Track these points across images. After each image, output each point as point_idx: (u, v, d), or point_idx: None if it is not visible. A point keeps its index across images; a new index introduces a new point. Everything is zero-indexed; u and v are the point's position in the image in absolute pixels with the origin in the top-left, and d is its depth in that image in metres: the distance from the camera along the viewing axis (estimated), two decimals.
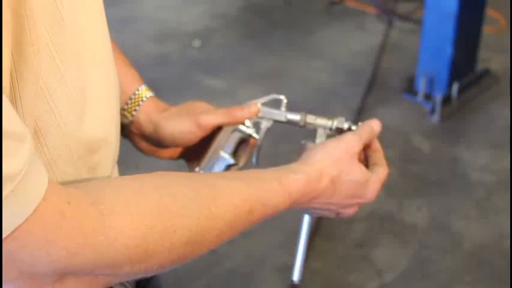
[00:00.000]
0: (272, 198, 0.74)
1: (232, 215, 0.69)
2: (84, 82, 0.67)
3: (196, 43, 3.97)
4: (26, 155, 0.52)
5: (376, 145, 0.90)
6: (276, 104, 0.96)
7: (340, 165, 0.81)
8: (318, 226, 2.49)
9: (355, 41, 4.00)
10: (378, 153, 0.89)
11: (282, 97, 0.95)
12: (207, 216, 0.65)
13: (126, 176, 0.66)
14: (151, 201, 0.61)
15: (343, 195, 0.83)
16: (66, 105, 0.64)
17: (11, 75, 0.56)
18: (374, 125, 0.88)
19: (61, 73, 0.63)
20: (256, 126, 0.95)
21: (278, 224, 2.53)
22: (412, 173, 2.86)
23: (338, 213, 0.87)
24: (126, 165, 0.90)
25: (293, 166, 0.80)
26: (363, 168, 0.84)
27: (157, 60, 3.76)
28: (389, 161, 0.89)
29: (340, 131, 0.92)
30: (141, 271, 0.62)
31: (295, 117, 0.94)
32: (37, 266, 0.54)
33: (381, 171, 0.86)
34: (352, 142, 0.83)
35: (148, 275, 0.65)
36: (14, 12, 0.55)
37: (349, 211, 0.86)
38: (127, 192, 0.61)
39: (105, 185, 0.62)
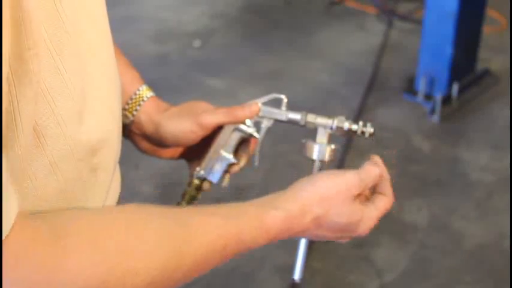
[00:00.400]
0: (249, 235, 0.71)
1: (204, 252, 0.67)
2: (85, 83, 0.67)
3: (197, 43, 3.97)
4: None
5: (383, 170, 0.84)
6: (276, 103, 0.96)
7: (328, 204, 0.77)
8: None
9: (355, 41, 4.00)
10: (385, 182, 0.84)
11: (283, 96, 0.95)
12: (176, 256, 0.64)
13: (99, 209, 0.64)
14: (117, 241, 0.60)
15: (330, 232, 0.79)
16: (67, 106, 0.64)
17: (8, 79, 0.56)
18: (379, 167, 0.82)
19: (61, 75, 0.63)
20: (257, 125, 0.95)
21: None
22: (412, 173, 2.86)
23: (328, 240, 0.83)
24: (126, 165, 0.90)
25: (277, 200, 0.76)
26: (358, 207, 0.79)
27: (157, 60, 3.76)
28: (389, 161, 0.89)
29: (340, 130, 0.92)
30: None
31: (295, 116, 0.94)
32: None
33: (382, 204, 0.82)
34: (350, 182, 0.78)
35: None
36: (11, 19, 0.54)
37: (337, 241, 0.83)
38: (94, 229, 0.60)
39: (74, 218, 0.60)
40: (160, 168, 2.70)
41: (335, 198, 0.77)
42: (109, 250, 0.59)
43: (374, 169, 0.81)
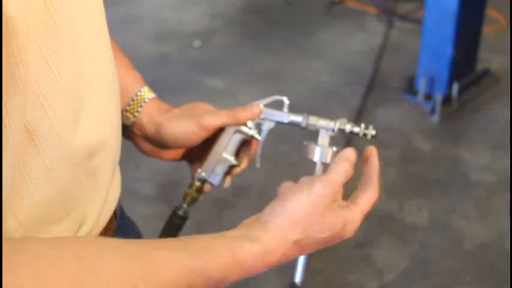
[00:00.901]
0: (219, 271, 0.65)
1: None
2: (82, 86, 0.66)
3: (197, 43, 3.97)
4: None
5: (372, 160, 0.80)
6: (278, 105, 0.96)
7: (304, 226, 0.71)
8: None
9: (355, 41, 4.00)
10: (372, 172, 0.79)
11: (284, 98, 0.95)
12: None
13: (51, 240, 0.59)
14: (66, 275, 0.55)
15: (316, 247, 0.73)
16: (62, 110, 0.63)
17: None
18: (349, 155, 0.76)
19: (56, 79, 0.62)
20: (258, 127, 0.95)
21: None
22: (412, 173, 2.86)
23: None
24: (126, 165, 0.90)
25: (251, 232, 0.70)
26: (337, 216, 0.72)
27: (157, 60, 3.77)
28: (389, 161, 0.88)
29: (342, 132, 0.92)
30: None
31: (297, 118, 0.94)
32: None
33: (364, 201, 0.76)
34: (320, 193, 0.71)
35: None
36: None
37: (330, 244, 0.75)
38: (42, 262, 0.55)
39: (23, 249, 0.56)
40: (160, 168, 2.70)
41: (310, 218, 0.71)
42: (59, 283, 0.54)
43: (342, 166, 0.75)
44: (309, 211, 0.71)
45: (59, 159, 0.65)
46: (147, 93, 0.95)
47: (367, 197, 0.76)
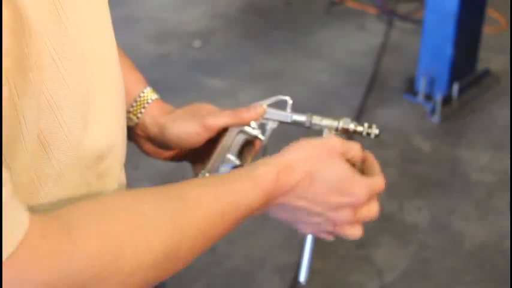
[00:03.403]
0: (244, 197, 0.72)
1: (204, 222, 0.68)
2: (90, 89, 0.66)
3: (197, 43, 3.97)
4: (5, 198, 0.52)
5: (371, 159, 0.85)
6: (279, 105, 0.96)
7: (315, 159, 0.77)
8: None
9: (355, 41, 4.00)
10: (373, 166, 0.84)
11: (288, 98, 0.95)
12: (178, 228, 0.65)
13: (94, 200, 0.65)
14: (119, 222, 0.61)
15: (326, 190, 0.77)
16: (71, 114, 0.64)
17: (11, 91, 0.56)
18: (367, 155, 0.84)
19: (66, 82, 0.63)
20: (262, 127, 0.95)
21: (278, 224, 2.52)
22: (412, 173, 2.86)
23: (333, 222, 0.80)
24: (126, 165, 0.90)
25: (263, 160, 0.77)
26: (346, 164, 0.78)
27: (157, 60, 3.77)
28: (389, 161, 0.88)
29: (345, 132, 0.92)
30: None
31: (301, 118, 0.94)
32: None
33: (373, 179, 0.81)
34: (332, 140, 0.79)
35: None
36: (11, 30, 0.54)
37: (341, 216, 0.79)
38: (96, 216, 0.61)
39: (75, 211, 0.61)
40: (161, 168, 2.70)
41: (321, 154, 0.78)
42: (114, 231, 0.60)
43: (357, 144, 0.82)
44: (320, 150, 0.78)
45: (69, 163, 0.66)
46: (149, 94, 0.95)
47: (375, 178, 0.81)
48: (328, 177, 0.77)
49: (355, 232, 0.82)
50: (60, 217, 0.60)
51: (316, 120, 0.93)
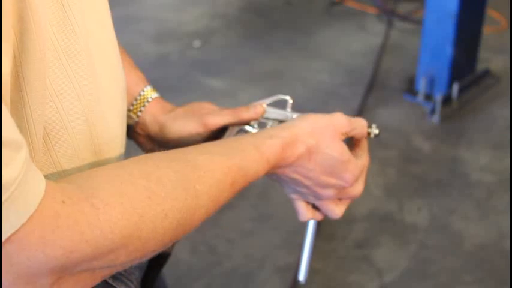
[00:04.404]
0: (252, 167, 0.75)
1: (216, 190, 0.70)
2: (93, 85, 0.67)
3: (197, 43, 3.97)
4: (21, 163, 0.53)
5: (365, 144, 0.90)
6: (279, 104, 0.96)
7: (319, 136, 0.81)
8: (318, 227, 2.48)
9: (355, 41, 4.00)
10: (362, 145, 0.89)
11: (288, 97, 0.95)
12: (193, 196, 0.67)
13: (112, 165, 0.67)
14: (140, 189, 0.63)
15: (320, 169, 0.82)
16: (74, 108, 0.65)
17: (19, 81, 0.57)
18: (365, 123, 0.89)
19: (69, 76, 0.63)
20: (262, 126, 0.95)
21: (278, 224, 2.53)
22: (412, 173, 2.86)
23: (317, 197, 0.86)
24: None
25: (270, 131, 0.81)
26: (346, 148, 0.83)
27: (157, 60, 3.77)
28: (389, 161, 0.89)
29: None
30: (137, 258, 0.63)
31: None
32: (34, 267, 0.55)
33: (362, 160, 0.86)
34: (339, 119, 0.83)
35: (143, 260, 0.67)
36: (19, 18, 0.55)
37: (327, 193, 0.85)
38: (117, 182, 0.62)
39: (96, 176, 0.63)
40: None
41: (325, 132, 0.81)
42: (135, 198, 0.61)
43: (362, 119, 0.87)
44: (325, 127, 0.82)
45: (68, 155, 0.67)
46: (150, 93, 0.95)
47: (364, 159, 0.87)
48: (325, 158, 0.82)
49: (336, 210, 0.88)
50: (80, 182, 0.61)
51: None
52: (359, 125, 0.86)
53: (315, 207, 0.90)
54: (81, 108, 0.66)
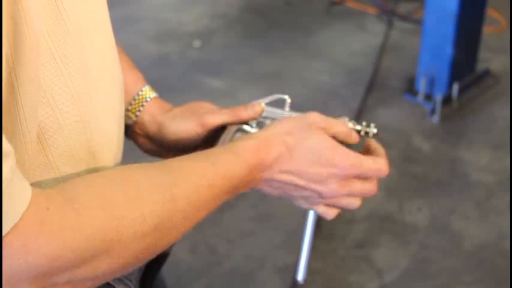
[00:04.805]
0: (229, 168, 0.75)
1: (193, 193, 0.70)
2: (88, 84, 0.67)
3: (197, 43, 3.97)
4: (7, 171, 0.53)
5: (375, 144, 0.88)
6: (278, 103, 0.96)
7: (296, 133, 0.81)
8: (318, 226, 2.49)
9: (355, 41, 4.00)
10: (377, 150, 0.87)
11: (286, 97, 0.95)
12: (169, 199, 0.67)
13: (92, 174, 0.68)
14: (118, 194, 0.63)
15: (306, 163, 0.80)
16: (68, 107, 0.65)
17: (12, 83, 0.57)
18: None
19: (63, 76, 0.63)
20: (260, 126, 0.95)
21: (278, 224, 2.53)
22: (412, 173, 2.86)
23: (320, 195, 0.83)
24: (124, 163, 0.90)
25: (246, 135, 0.82)
26: (327, 137, 0.82)
27: (157, 60, 3.77)
28: (389, 161, 0.88)
29: None
30: (119, 267, 0.63)
31: None
32: (16, 276, 0.55)
33: (377, 161, 0.84)
34: (313, 116, 0.83)
35: (127, 271, 0.67)
36: (12, 20, 0.55)
37: (329, 188, 0.82)
38: (96, 187, 0.63)
39: (75, 182, 0.63)
40: None
41: (301, 128, 0.81)
42: (115, 202, 0.62)
43: (340, 120, 0.87)
44: (301, 124, 0.82)
45: (63, 155, 0.67)
46: (148, 93, 0.95)
47: (376, 160, 0.84)
48: (308, 149, 0.80)
49: (351, 202, 0.85)
50: (63, 189, 0.61)
51: None
52: (338, 123, 0.85)
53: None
54: (75, 107, 0.66)
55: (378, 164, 0.84)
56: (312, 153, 0.80)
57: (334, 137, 0.84)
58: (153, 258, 0.85)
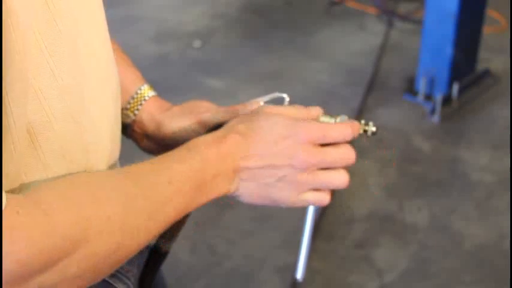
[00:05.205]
0: (185, 163, 0.75)
1: (152, 191, 0.70)
2: (80, 84, 0.67)
3: (197, 43, 3.97)
4: None
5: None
6: (276, 102, 0.96)
7: (244, 119, 0.81)
8: (318, 226, 2.49)
9: (355, 41, 4.00)
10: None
11: (285, 95, 0.95)
12: (131, 198, 0.67)
13: (60, 178, 0.68)
14: (83, 194, 0.64)
15: (265, 139, 0.78)
16: (60, 107, 0.65)
17: None
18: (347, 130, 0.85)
19: (55, 76, 0.63)
20: None
21: (278, 224, 2.53)
22: (412, 173, 2.86)
23: (297, 170, 0.79)
24: (123, 162, 0.90)
25: (211, 133, 0.81)
26: (276, 114, 0.81)
27: (157, 60, 3.77)
28: (389, 161, 0.88)
29: None
30: (89, 268, 0.63)
31: None
32: None
33: (333, 125, 0.85)
34: (268, 107, 0.83)
35: (100, 276, 0.66)
36: None
37: (302, 159, 0.78)
38: (61, 187, 0.63)
39: (45, 186, 0.64)
40: None
41: (250, 115, 0.82)
42: (80, 203, 0.62)
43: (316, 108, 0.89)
44: (252, 114, 0.82)
45: (55, 155, 0.66)
46: (147, 91, 0.95)
47: (338, 125, 0.84)
48: (264, 127, 0.79)
49: (332, 175, 0.81)
50: (32, 194, 0.61)
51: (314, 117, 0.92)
52: (333, 128, 0.84)
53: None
54: (67, 106, 0.65)
55: (340, 126, 0.83)
56: (270, 130, 0.79)
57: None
58: (151, 256, 0.86)
